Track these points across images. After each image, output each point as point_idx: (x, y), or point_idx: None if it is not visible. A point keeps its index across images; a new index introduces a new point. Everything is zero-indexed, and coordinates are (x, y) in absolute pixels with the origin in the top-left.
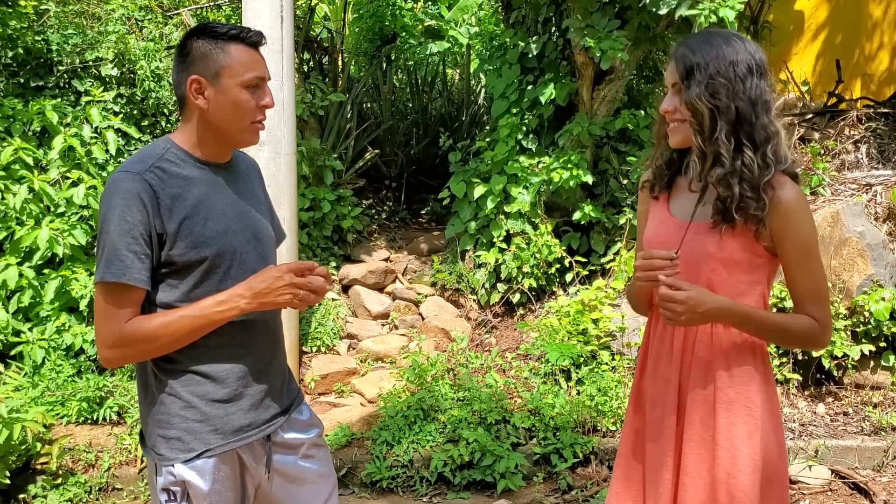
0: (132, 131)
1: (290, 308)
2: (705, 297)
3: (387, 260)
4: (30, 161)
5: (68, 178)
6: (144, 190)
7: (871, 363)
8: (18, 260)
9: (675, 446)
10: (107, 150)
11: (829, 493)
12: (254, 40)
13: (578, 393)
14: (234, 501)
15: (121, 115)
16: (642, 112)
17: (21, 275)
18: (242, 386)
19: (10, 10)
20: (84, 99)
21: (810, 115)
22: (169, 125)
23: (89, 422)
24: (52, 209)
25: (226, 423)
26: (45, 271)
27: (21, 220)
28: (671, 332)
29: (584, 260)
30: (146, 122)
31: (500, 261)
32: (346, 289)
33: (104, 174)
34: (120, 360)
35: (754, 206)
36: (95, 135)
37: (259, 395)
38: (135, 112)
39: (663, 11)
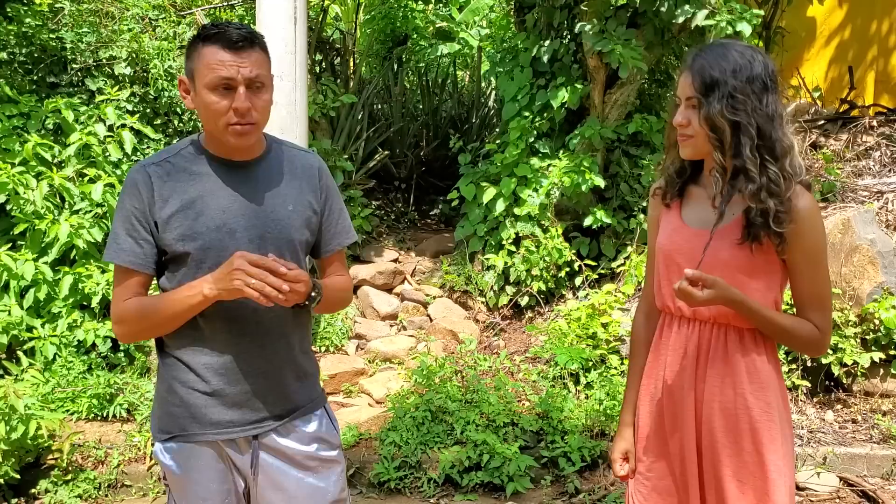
0: (148, 131)
1: (258, 302)
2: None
3: (396, 261)
4: (48, 157)
5: (85, 174)
6: (143, 180)
7: (881, 371)
8: (34, 256)
9: (697, 456)
10: (122, 149)
11: (838, 500)
12: (227, 40)
13: (587, 397)
14: (223, 495)
15: (137, 115)
16: (654, 116)
17: (37, 269)
18: (223, 383)
19: (26, 8)
20: (98, 98)
21: (822, 122)
22: (181, 124)
23: (99, 418)
24: (69, 206)
25: (204, 413)
26: (60, 268)
27: (41, 214)
28: (684, 341)
29: (593, 263)
30: (159, 121)
31: (508, 263)
32: (354, 289)
33: (118, 172)
34: (124, 336)
35: (785, 219)
36: (110, 133)
37: (243, 396)
38: (147, 111)
39: (679, 20)
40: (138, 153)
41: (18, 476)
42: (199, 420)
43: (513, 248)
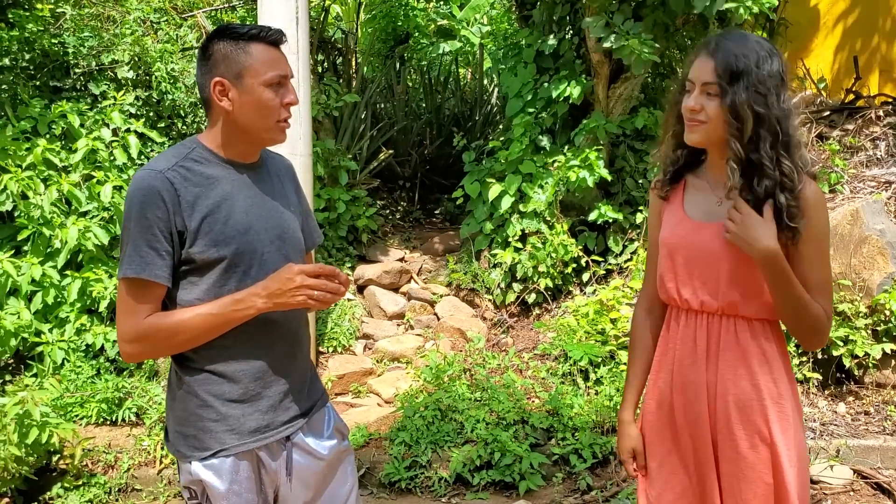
0: (154, 135)
1: (306, 309)
2: (764, 229)
3: (402, 260)
4: (56, 162)
5: (93, 177)
6: (165, 188)
7: (893, 362)
8: (40, 260)
9: (712, 449)
10: (128, 153)
11: (852, 493)
12: (274, 38)
13: (597, 393)
14: (258, 503)
15: (143, 120)
16: (659, 110)
17: (44, 274)
18: (259, 387)
19: (27, 14)
20: (105, 102)
21: (828, 113)
22: (185, 127)
23: (108, 423)
24: (75, 210)
25: (242, 423)
26: (68, 272)
27: (48, 219)
28: (693, 334)
29: (600, 259)
30: (162, 124)
31: (515, 260)
32: (361, 289)
33: (124, 177)
34: (139, 356)
35: (796, 213)
36: (115, 138)
37: (277, 397)
38: (151, 114)
39: (697, 9)
40: (143, 157)
41: (34, 478)
42: (237, 431)
43: (519, 245)
